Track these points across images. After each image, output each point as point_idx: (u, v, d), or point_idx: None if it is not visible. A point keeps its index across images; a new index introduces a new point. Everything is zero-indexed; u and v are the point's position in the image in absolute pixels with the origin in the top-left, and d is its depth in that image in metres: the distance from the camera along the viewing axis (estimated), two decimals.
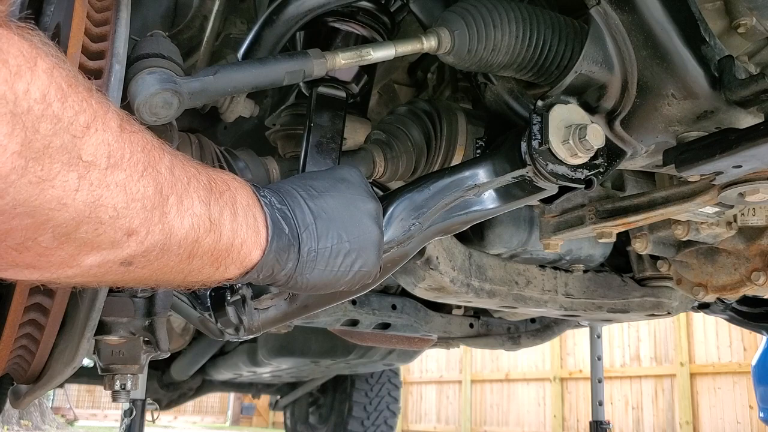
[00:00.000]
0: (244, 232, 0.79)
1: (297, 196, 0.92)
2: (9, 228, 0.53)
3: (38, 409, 10.29)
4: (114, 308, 1.01)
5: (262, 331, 1.11)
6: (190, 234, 0.69)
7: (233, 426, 16.20)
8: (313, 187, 0.95)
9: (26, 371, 1.07)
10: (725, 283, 1.74)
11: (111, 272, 0.66)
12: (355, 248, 0.95)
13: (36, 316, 0.96)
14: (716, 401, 7.43)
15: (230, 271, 0.80)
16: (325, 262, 0.91)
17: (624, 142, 1.19)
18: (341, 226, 0.94)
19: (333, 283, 0.95)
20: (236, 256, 0.79)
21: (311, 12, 1.13)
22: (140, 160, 0.60)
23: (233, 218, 0.77)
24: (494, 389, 10.04)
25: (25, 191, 0.50)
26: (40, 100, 0.49)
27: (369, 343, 2.55)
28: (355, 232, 0.95)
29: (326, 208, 0.94)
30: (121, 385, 1.08)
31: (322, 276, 0.92)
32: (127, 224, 0.60)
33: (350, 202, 0.97)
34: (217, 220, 0.74)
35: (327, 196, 0.95)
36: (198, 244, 0.71)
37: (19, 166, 0.49)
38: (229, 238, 0.76)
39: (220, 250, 0.76)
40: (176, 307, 1.07)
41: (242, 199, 0.80)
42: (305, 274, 0.90)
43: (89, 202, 0.55)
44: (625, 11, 1.03)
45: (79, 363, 0.99)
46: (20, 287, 0.90)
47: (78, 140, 0.53)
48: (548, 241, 1.63)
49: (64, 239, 0.57)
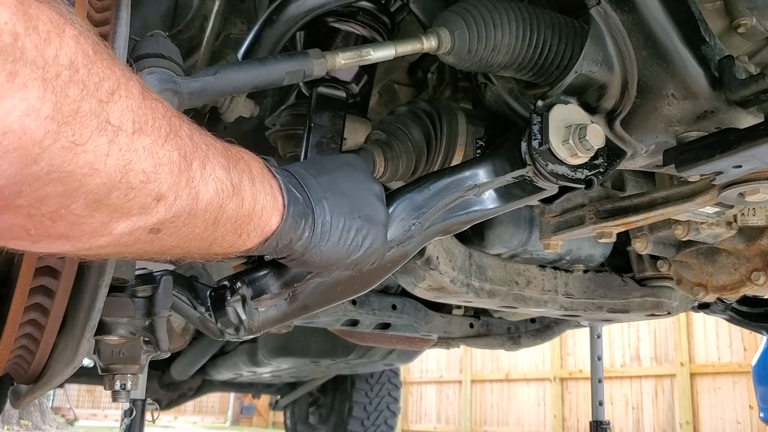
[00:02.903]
0: (263, 198, 0.80)
1: (306, 173, 0.95)
2: (43, 195, 0.53)
3: (38, 409, 10.29)
4: (114, 308, 1.01)
5: (262, 331, 1.11)
6: (215, 199, 0.70)
7: (233, 426, 16.20)
8: (321, 166, 0.99)
9: (26, 371, 1.07)
10: (725, 283, 1.74)
11: (140, 240, 0.66)
12: (366, 225, 0.98)
13: (36, 316, 0.96)
14: (716, 401, 7.43)
15: (251, 238, 0.81)
16: (338, 235, 0.94)
17: (624, 142, 1.19)
18: (352, 202, 0.97)
19: (345, 258, 0.96)
20: (257, 222, 0.80)
21: (311, 12, 1.13)
22: (163, 126, 0.61)
23: (252, 184, 0.78)
24: (494, 389, 10.04)
25: (58, 156, 0.51)
26: (68, 65, 0.50)
27: (369, 343, 2.55)
28: (364, 210, 0.98)
29: (336, 184, 0.96)
30: (121, 385, 1.08)
31: (336, 249, 0.94)
32: (156, 189, 0.61)
33: (358, 182, 1.00)
34: (238, 185, 0.75)
35: (336, 175, 0.98)
36: (222, 210, 0.72)
37: (52, 130, 0.50)
38: (250, 204, 0.77)
39: (243, 216, 0.77)
40: (176, 307, 1.07)
41: (256, 168, 0.81)
42: (320, 246, 0.92)
43: (120, 167, 0.56)
44: (625, 11, 1.03)
45: (79, 363, 0.99)
46: (20, 287, 0.90)
47: (105, 105, 0.54)
48: (548, 241, 1.63)
49: (96, 206, 0.57)
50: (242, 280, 1.08)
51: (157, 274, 1.06)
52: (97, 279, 0.90)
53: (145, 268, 1.09)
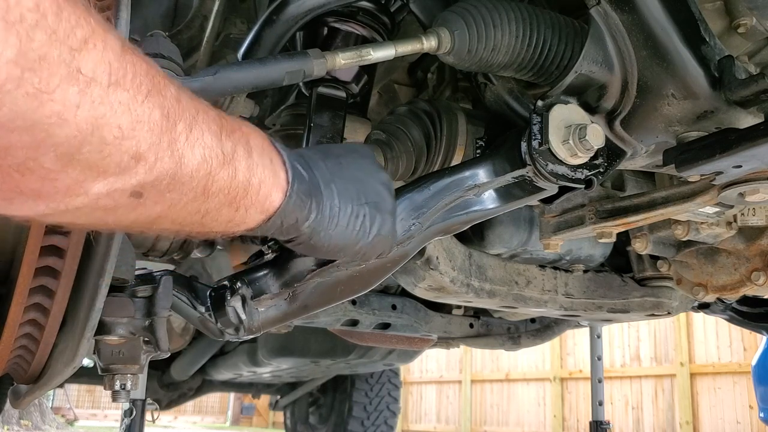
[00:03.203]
0: (261, 172, 0.76)
1: (313, 156, 0.92)
2: (8, 144, 0.52)
3: (38, 409, 10.29)
4: (114, 308, 1.01)
5: (262, 331, 1.11)
6: (202, 166, 0.67)
7: (233, 426, 16.20)
8: (328, 151, 0.96)
9: (26, 371, 1.07)
10: (725, 283, 1.74)
11: (121, 205, 0.64)
12: (374, 212, 0.95)
13: (36, 316, 0.96)
14: (716, 401, 7.43)
15: (251, 214, 0.78)
16: (347, 219, 0.91)
17: (624, 142, 1.19)
18: (359, 188, 0.94)
19: (353, 244, 0.94)
20: (255, 197, 0.76)
21: (311, 12, 1.13)
22: (144, 83, 0.59)
23: (248, 155, 0.74)
24: (494, 389, 10.04)
25: (22, 103, 0.50)
26: (33, 9, 0.48)
27: (369, 343, 2.55)
28: (372, 197, 0.96)
29: (344, 169, 0.94)
30: (121, 385, 1.08)
31: (344, 235, 0.92)
32: (134, 147, 0.59)
33: (365, 169, 0.98)
34: (230, 154, 0.71)
35: (343, 160, 0.96)
36: (212, 179, 0.69)
37: (15, 75, 0.48)
38: (245, 176, 0.73)
39: (237, 189, 0.73)
40: (176, 307, 1.07)
41: (255, 141, 0.77)
42: (329, 230, 0.89)
43: (91, 120, 0.54)
44: (625, 11, 1.03)
45: (79, 363, 0.99)
46: (20, 287, 0.90)
47: (76, 53, 0.52)
48: (548, 241, 1.63)
49: (67, 160, 0.55)
50: (242, 280, 1.08)
51: (156, 274, 1.06)
52: (97, 279, 0.90)
53: (145, 268, 1.09)
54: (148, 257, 1.21)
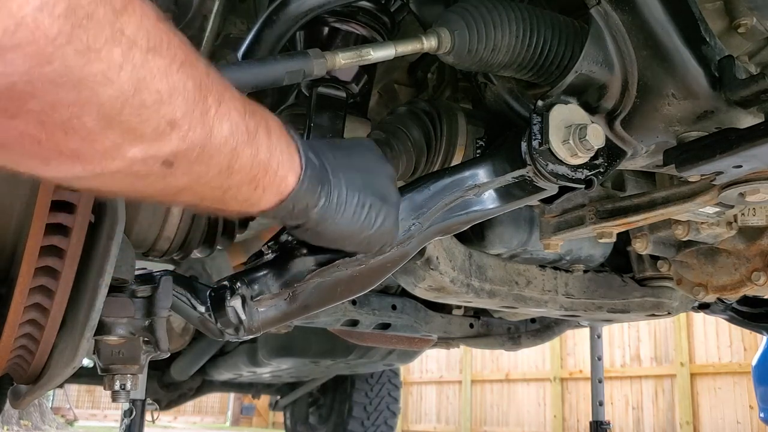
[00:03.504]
0: (279, 154, 0.79)
1: (322, 146, 0.94)
2: (56, 100, 0.53)
3: (38, 409, 10.29)
4: (114, 308, 1.01)
5: (262, 331, 1.10)
6: (229, 141, 0.69)
7: (233, 426, 16.20)
8: (335, 144, 0.99)
9: (26, 371, 1.07)
10: (725, 283, 1.74)
11: (153, 173, 0.65)
12: (379, 203, 0.97)
13: (36, 316, 0.96)
14: (716, 401, 7.43)
15: (267, 195, 0.80)
16: (353, 209, 0.93)
17: (624, 142, 1.19)
18: (366, 179, 0.97)
19: (358, 234, 0.96)
20: (273, 178, 0.79)
21: (311, 12, 1.13)
22: (178, 54, 0.60)
23: (268, 137, 0.76)
24: (494, 389, 10.04)
25: (72, 59, 0.51)
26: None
27: (369, 344, 2.55)
28: (379, 190, 0.98)
29: (351, 160, 0.96)
30: (121, 385, 1.08)
31: (350, 224, 0.94)
32: (171, 114, 0.60)
33: (371, 161, 1.01)
34: (254, 133, 0.73)
35: (350, 152, 0.99)
36: (237, 155, 0.71)
37: (66, 31, 0.49)
38: (266, 156, 0.76)
39: (258, 167, 0.76)
40: (176, 307, 1.07)
41: (273, 124, 0.80)
42: (335, 218, 0.92)
43: (133, 81, 0.56)
44: (625, 11, 1.03)
45: (79, 363, 0.99)
46: (20, 287, 0.90)
47: (119, 15, 0.53)
48: (548, 241, 1.63)
49: (108, 121, 0.57)
50: (242, 280, 1.08)
51: (156, 274, 1.06)
52: (97, 279, 0.90)
53: (145, 268, 1.09)
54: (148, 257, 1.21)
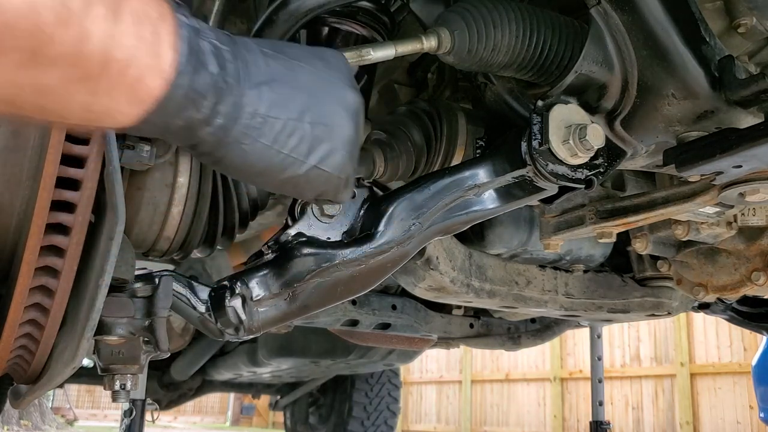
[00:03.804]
0: (133, 45, 0.60)
1: (255, 48, 0.74)
2: None
3: (38, 409, 10.29)
4: (114, 308, 1.01)
5: (262, 331, 1.11)
6: (25, 15, 0.52)
7: (233, 426, 16.20)
8: (280, 48, 0.79)
9: (26, 371, 1.07)
10: (725, 283, 1.74)
11: None
12: (319, 136, 0.77)
13: (36, 316, 0.96)
14: (716, 401, 7.43)
15: (118, 104, 0.62)
16: (274, 136, 0.74)
17: (624, 142, 1.19)
18: (306, 102, 0.77)
19: (278, 171, 0.77)
20: (120, 78, 0.60)
21: (311, 12, 1.13)
22: None
23: (112, 18, 0.58)
24: (494, 389, 10.04)
25: None
26: None
27: (369, 344, 2.55)
28: (322, 118, 0.78)
29: (292, 74, 0.76)
30: (121, 385, 1.08)
31: (265, 154, 0.74)
32: None
33: (325, 84, 0.80)
34: (80, 10, 0.55)
35: (297, 64, 0.78)
36: (44, 37, 0.54)
37: None
38: (102, 45, 0.57)
39: (89, 60, 0.57)
40: (176, 307, 1.07)
41: (135, 4, 0.61)
42: (243, 145, 0.72)
43: None
44: (625, 11, 1.03)
45: (79, 363, 0.99)
46: (20, 286, 0.90)
47: None
48: (548, 241, 1.63)
49: None
50: (242, 280, 1.08)
51: (156, 274, 1.06)
52: (97, 279, 0.90)
53: (145, 268, 1.09)
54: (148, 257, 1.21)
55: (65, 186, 0.87)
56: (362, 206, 1.17)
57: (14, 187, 0.92)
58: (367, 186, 1.20)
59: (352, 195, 1.12)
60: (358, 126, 0.84)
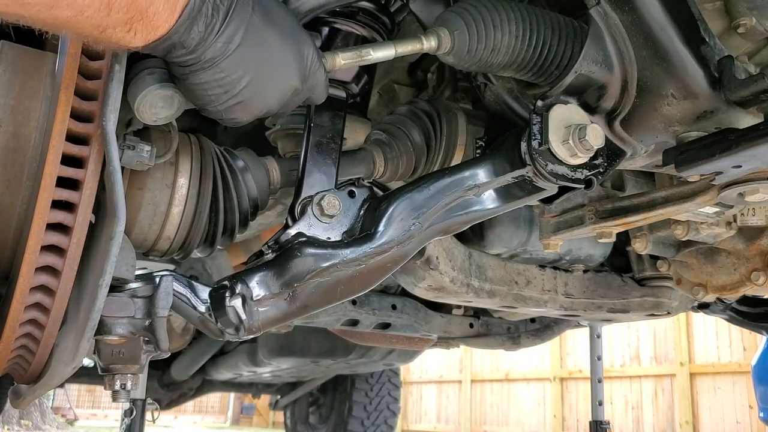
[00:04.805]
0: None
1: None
2: None
3: (38, 409, 10.29)
4: (114, 308, 1.01)
5: (263, 331, 1.11)
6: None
7: (233, 426, 16.20)
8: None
9: (26, 371, 1.07)
10: (725, 283, 1.74)
11: (40, 2, 0.67)
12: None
13: (36, 316, 0.96)
14: (716, 401, 7.43)
15: (136, 42, 0.77)
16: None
17: (624, 142, 1.19)
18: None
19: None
20: (148, 22, 0.76)
21: (311, 12, 1.13)
22: None
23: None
24: (494, 389, 10.03)
25: None
26: None
27: (369, 343, 2.56)
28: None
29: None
30: (121, 385, 1.08)
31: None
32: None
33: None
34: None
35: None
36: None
37: None
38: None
39: (135, 10, 0.73)
40: (176, 307, 1.07)
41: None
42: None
43: None
44: (624, 11, 1.03)
45: (80, 363, 0.99)
46: (21, 286, 0.90)
47: None
48: (548, 241, 1.63)
49: None
50: (242, 280, 1.08)
51: (156, 274, 1.06)
52: (97, 279, 0.90)
53: (145, 268, 1.09)
54: (148, 257, 1.21)
55: (65, 186, 0.87)
56: (362, 206, 1.18)
57: (15, 187, 0.92)
58: (367, 186, 1.20)
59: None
60: (309, 40, 1.00)
